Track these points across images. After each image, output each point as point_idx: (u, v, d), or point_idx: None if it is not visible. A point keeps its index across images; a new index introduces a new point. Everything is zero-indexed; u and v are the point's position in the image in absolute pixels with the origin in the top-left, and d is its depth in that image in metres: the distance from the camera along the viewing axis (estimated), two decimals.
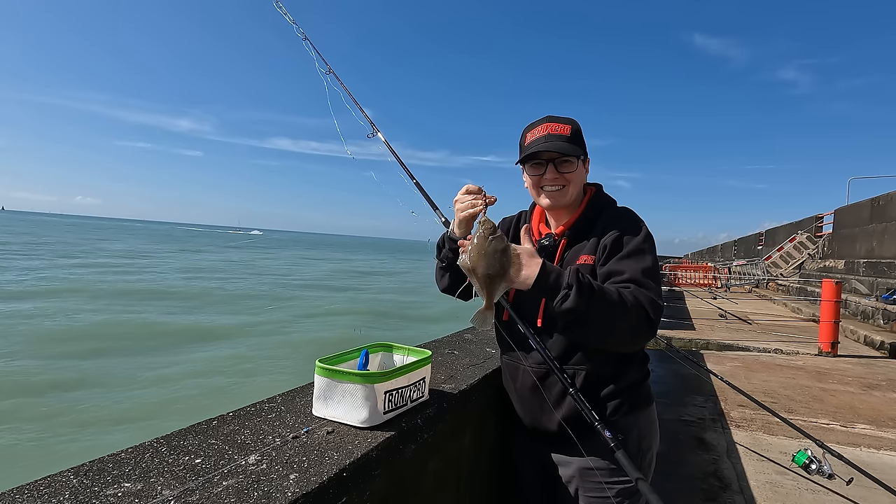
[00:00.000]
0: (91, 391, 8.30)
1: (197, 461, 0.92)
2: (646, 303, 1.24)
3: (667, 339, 7.25)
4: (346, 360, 1.31)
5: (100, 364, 9.79)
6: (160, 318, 14.93)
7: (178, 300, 18.85)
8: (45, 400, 7.75)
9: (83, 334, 12.27)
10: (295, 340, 13.37)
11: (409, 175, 1.77)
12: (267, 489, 0.83)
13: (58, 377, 8.85)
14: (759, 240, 25.07)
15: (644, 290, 1.26)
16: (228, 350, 11.71)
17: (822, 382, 5.86)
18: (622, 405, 1.41)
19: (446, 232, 1.55)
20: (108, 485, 0.82)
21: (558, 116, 1.48)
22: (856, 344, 8.50)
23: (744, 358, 7.12)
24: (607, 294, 1.22)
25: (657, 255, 1.41)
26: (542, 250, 1.47)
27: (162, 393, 8.46)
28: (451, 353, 1.96)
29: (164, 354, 10.88)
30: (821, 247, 16.56)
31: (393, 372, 1.19)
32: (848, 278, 12.18)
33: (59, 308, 15.21)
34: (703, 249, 44.12)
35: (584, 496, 1.45)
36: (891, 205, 11.28)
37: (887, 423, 4.46)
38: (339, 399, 1.15)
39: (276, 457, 0.96)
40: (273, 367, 10.50)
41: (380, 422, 1.14)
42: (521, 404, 1.53)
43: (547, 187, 1.44)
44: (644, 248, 1.36)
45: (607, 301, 1.21)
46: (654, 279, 1.32)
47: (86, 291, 19.12)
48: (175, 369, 9.87)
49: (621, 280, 1.30)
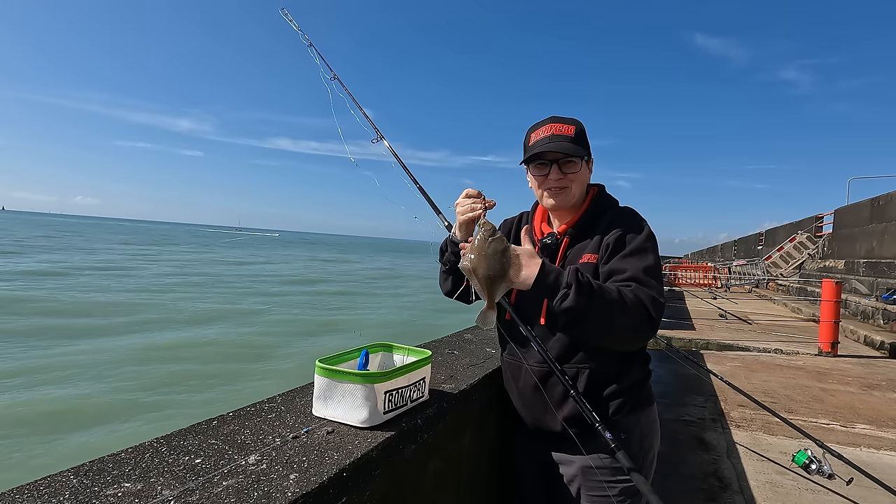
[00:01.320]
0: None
1: (197, 461, 0.92)
2: (647, 301, 1.25)
3: (667, 339, 7.25)
4: (346, 360, 1.31)
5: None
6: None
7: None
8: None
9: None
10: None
11: (412, 180, 1.77)
12: (267, 489, 0.83)
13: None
14: (759, 240, 25.07)
15: (645, 288, 1.27)
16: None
17: (822, 382, 5.86)
18: (625, 404, 1.42)
19: (449, 236, 1.56)
20: (108, 485, 0.82)
21: (563, 117, 1.48)
22: (856, 344, 8.50)
23: (744, 358, 7.12)
24: (607, 292, 1.23)
25: (659, 254, 1.42)
26: (545, 249, 1.48)
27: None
28: (451, 353, 1.96)
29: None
30: (821, 247, 16.56)
31: (393, 372, 1.19)
32: (848, 278, 12.18)
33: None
34: (703, 249, 44.13)
35: (586, 495, 1.45)
36: (891, 205, 11.28)
37: (887, 423, 4.46)
38: (339, 399, 1.15)
39: (276, 457, 0.96)
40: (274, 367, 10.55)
41: (380, 422, 1.14)
42: (522, 404, 1.54)
43: (551, 187, 1.45)
44: (646, 246, 1.37)
45: (607, 299, 1.22)
46: (656, 278, 1.33)
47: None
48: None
49: (623, 279, 1.30)
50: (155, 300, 17.78)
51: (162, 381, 8.97)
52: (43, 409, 7.34)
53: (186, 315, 15.44)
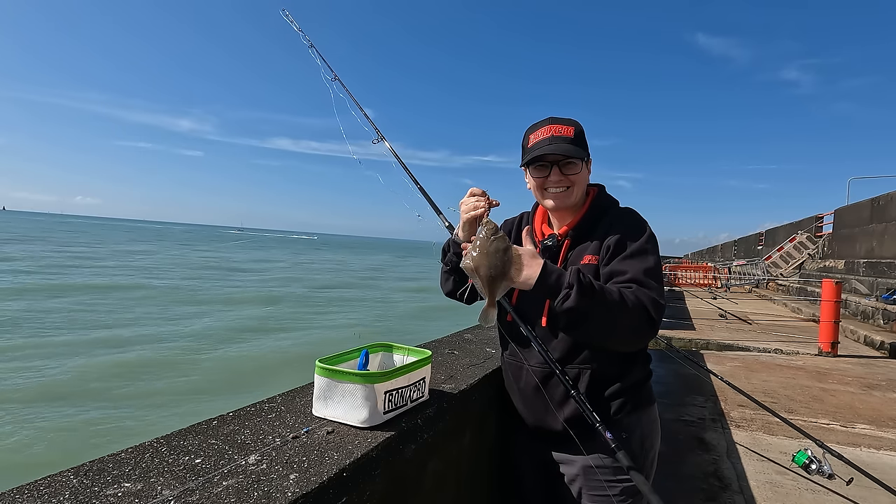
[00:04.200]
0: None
1: (197, 461, 0.92)
2: (647, 302, 1.26)
3: (667, 339, 7.25)
4: (346, 360, 1.31)
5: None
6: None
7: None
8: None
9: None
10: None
11: (413, 180, 1.78)
12: (267, 489, 0.83)
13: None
14: (759, 240, 25.07)
15: (645, 289, 1.28)
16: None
17: (823, 382, 5.86)
18: (626, 404, 1.42)
19: (451, 236, 1.56)
20: (108, 485, 0.82)
21: (561, 118, 1.48)
22: (856, 344, 8.50)
23: (744, 358, 7.12)
24: (608, 294, 1.24)
25: (659, 255, 1.42)
26: (546, 251, 1.48)
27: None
28: (451, 353, 1.96)
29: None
30: (821, 247, 16.56)
31: (393, 372, 1.19)
32: (848, 278, 12.17)
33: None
34: (703, 249, 44.13)
35: (587, 495, 1.45)
36: (891, 205, 11.28)
37: (887, 423, 4.46)
38: (339, 399, 1.15)
39: (276, 457, 0.96)
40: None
41: (380, 422, 1.14)
42: (523, 404, 1.54)
43: (551, 189, 1.45)
44: (646, 248, 1.37)
45: (608, 300, 1.23)
46: (657, 279, 1.33)
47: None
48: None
49: (623, 280, 1.31)
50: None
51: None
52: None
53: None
